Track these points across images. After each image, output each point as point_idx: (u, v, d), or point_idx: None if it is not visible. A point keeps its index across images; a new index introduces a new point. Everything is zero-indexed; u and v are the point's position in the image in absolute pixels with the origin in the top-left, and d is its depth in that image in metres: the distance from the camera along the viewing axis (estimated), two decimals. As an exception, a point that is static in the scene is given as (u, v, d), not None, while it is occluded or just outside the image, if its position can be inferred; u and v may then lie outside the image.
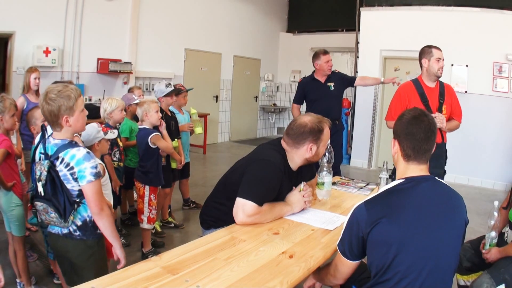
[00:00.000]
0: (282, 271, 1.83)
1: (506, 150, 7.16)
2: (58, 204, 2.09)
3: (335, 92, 5.33)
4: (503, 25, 7.42)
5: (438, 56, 3.91)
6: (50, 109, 2.08)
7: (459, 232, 1.86)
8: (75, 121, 2.15)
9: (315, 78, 5.34)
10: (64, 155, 2.10)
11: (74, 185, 2.14)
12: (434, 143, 1.93)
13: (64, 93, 2.10)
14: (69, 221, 2.15)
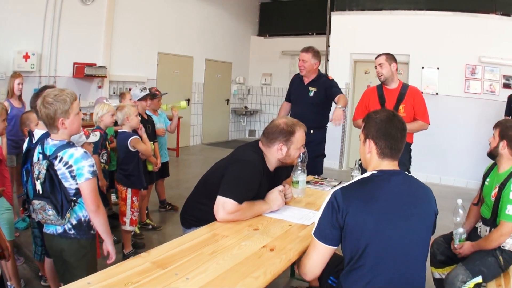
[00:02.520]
0: (264, 263, 1.97)
1: (479, 149, 7.28)
2: (56, 201, 2.20)
3: (314, 99, 4.66)
4: (476, 28, 7.68)
5: (375, 64, 4.25)
6: (47, 112, 2.19)
7: (429, 222, 2.02)
8: (70, 124, 2.26)
9: (301, 78, 4.79)
10: (63, 154, 2.22)
11: (71, 183, 2.25)
12: (403, 143, 2.09)
13: (60, 97, 2.21)
14: (66, 218, 2.25)
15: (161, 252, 2.00)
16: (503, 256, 2.78)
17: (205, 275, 1.80)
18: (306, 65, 4.61)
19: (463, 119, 7.76)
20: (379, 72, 4.24)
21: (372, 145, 2.06)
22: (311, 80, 4.70)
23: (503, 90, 7.58)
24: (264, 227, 2.44)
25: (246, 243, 2.19)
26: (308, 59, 4.60)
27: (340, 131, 8.72)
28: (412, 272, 1.95)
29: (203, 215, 2.62)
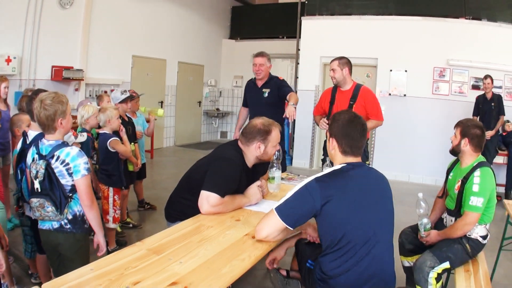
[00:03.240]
0: (248, 248, 2.21)
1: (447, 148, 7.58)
2: (55, 198, 2.37)
3: (269, 99, 4.91)
4: (445, 32, 8.03)
5: (330, 68, 4.57)
6: (47, 114, 2.36)
7: (391, 205, 2.33)
8: (66, 123, 2.46)
9: (254, 82, 5.05)
10: (59, 153, 2.39)
11: (68, 180, 2.42)
12: (365, 140, 2.40)
13: (58, 99, 2.39)
14: (64, 213, 2.42)
15: (154, 240, 2.20)
16: (469, 244, 3.02)
17: (196, 259, 2.02)
18: (263, 68, 4.85)
19: (431, 120, 8.05)
20: (332, 76, 4.56)
21: (335, 143, 2.35)
22: (264, 82, 4.95)
23: (471, 92, 7.93)
24: (245, 218, 2.67)
25: (230, 232, 2.41)
26: (264, 62, 4.86)
27: (310, 132, 8.99)
28: (381, 252, 2.21)
29: (187, 209, 2.81)
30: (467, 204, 2.95)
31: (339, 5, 8.75)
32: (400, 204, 6.04)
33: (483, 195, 2.91)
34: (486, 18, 7.98)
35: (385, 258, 2.25)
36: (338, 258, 2.16)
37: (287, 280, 2.67)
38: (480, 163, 3.05)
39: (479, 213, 2.93)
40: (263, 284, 3.81)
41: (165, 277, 1.81)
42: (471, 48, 7.94)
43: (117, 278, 1.77)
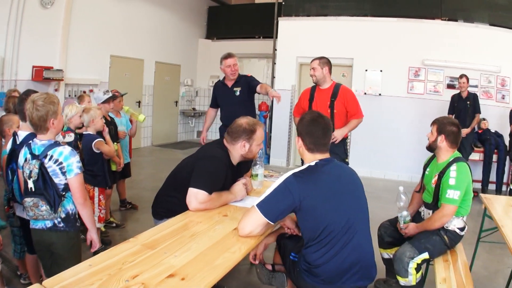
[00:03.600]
0: (238, 241, 2.32)
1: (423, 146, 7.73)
2: (49, 197, 2.42)
3: (241, 97, 5.09)
4: (420, 33, 8.23)
5: (310, 67, 4.68)
6: (39, 114, 2.41)
7: (363, 195, 2.50)
8: (58, 123, 2.52)
9: (224, 83, 5.21)
10: (52, 153, 2.44)
11: (61, 179, 2.48)
12: (330, 137, 2.56)
13: (49, 100, 2.44)
14: (58, 212, 2.47)
15: (147, 236, 2.28)
16: (447, 235, 3.17)
17: (190, 252, 2.11)
18: (236, 68, 5.06)
19: (406, 118, 8.24)
20: (312, 74, 4.67)
21: (301, 142, 2.54)
22: (234, 82, 5.12)
23: (447, 91, 8.16)
24: (232, 214, 2.78)
25: (219, 226, 2.51)
26: (236, 62, 5.09)
27: (286, 131, 9.11)
28: (361, 240, 2.37)
29: (174, 207, 2.90)
30: (444, 197, 3.09)
31: (316, 6, 8.88)
32: (376, 200, 6.26)
33: (460, 188, 3.06)
34: (462, 19, 8.22)
35: (365, 246, 2.41)
36: (320, 249, 2.30)
37: (273, 274, 2.76)
38: (456, 158, 3.20)
39: (456, 206, 3.07)
40: (247, 279, 3.93)
41: (162, 270, 1.90)
42: (446, 48, 8.16)
43: (116, 272, 1.84)
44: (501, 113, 7.90)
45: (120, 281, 1.77)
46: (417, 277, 3.12)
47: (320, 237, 2.29)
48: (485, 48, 8.07)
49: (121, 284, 1.75)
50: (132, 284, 1.75)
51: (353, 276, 2.35)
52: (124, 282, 1.76)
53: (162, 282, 1.79)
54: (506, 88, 8.14)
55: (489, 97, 8.16)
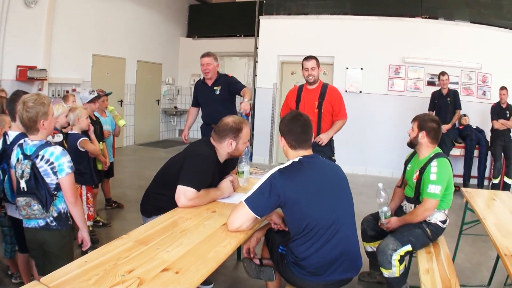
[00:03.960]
0: (228, 235, 2.39)
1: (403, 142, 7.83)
2: (41, 196, 2.45)
3: (221, 96, 5.09)
4: (401, 31, 8.38)
5: (305, 67, 4.67)
6: (29, 116, 2.45)
7: (348, 188, 2.61)
8: (48, 124, 2.55)
9: (204, 82, 5.22)
10: (44, 153, 2.48)
11: (52, 179, 2.52)
12: (311, 133, 2.67)
13: (40, 101, 2.48)
14: (50, 211, 2.51)
15: (139, 233, 2.34)
16: (429, 228, 3.27)
17: (182, 247, 2.18)
18: (210, 67, 5.02)
19: (387, 115, 8.38)
20: (311, 74, 4.65)
21: (283, 140, 2.65)
22: (214, 80, 5.13)
23: (427, 88, 8.32)
24: (220, 210, 2.85)
25: (208, 222, 2.59)
26: (211, 62, 5.03)
27: (268, 128, 9.20)
28: (346, 233, 2.48)
29: (163, 204, 2.96)
30: (425, 191, 3.19)
31: (297, 5, 8.97)
32: (359, 196, 6.40)
33: (441, 183, 3.15)
34: (443, 17, 8.38)
35: (350, 238, 2.52)
36: (306, 242, 2.40)
37: (261, 268, 2.82)
38: (436, 154, 3.30)
39: (437, 200, 3.17)
40: (234, 275, 4.02)
41: (156, 264, 1.96)
42: (427, 46, 8.32)
43: (111, 268, 1.90)
44: (482, 109, 8.07)
45: (116, 276, 1.83)
46: (400, 269, 3.20)
47: (305, 231, 2.38)
48: (466, 45, 8.25)
49: (117, 279, 1.80)
50: (128, 279, 1.81)
51: (339, 267, 2.45)
52: (120, 277, 1.82)
53: (157, 276, 1.86)
54: (487, 85, 8.32)
55: (470, 94, 8.34)
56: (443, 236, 3.47)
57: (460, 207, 4.48)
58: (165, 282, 1.81)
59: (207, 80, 5.17)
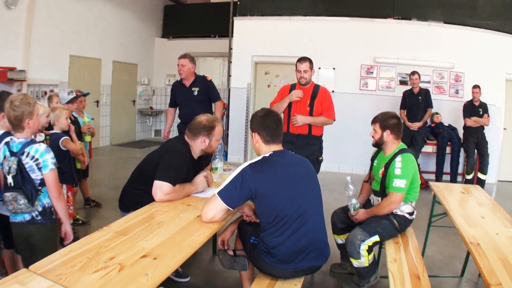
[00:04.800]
0: (203, 226, 2.58)
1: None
2: (26, 191, 2.61)
3: (199, 97, 5.35)
4: (373, 32, 8.60)
5: (298, 69, 4.76)
6: (15, 114, 2.61)
7: (316, 180, 2.82)
8: (33, 124, 2.71)
9: (181, 83, 5.43)
10: (29, 150, 2.64)
11: (37, 175, 2.68)
12: (282, 129, 2.86)
13: (25, 101, 2.64)
14: (35, 205, 2.66)
15: (119, 225, 2.51)
16: (397, 220, 3.46)
17: (159, 237, 2.36)
18: (185, 69, 5.26)
19: (359, 114, 8.50)
20: (303, 77, 4.73)
21: (258, 137, 2.83)
22: (191, 82, 5.37)
23: (399, 87, 8.55)
24: (195, 204, 3.03)
25: (184, 215, 2.77)
26: (186, 63, 5.27)
27: (243, 128, 9.34)
28: (314, 223, 2.69)
29: (140, 199, 3.10)
30: (391, 185, 3.38)
31: (270, 6, 9.11)
32: (331, 192, 6.62)
33: (405, 177, 3.35)
34: (416, 17, 8.61)
35: (318, 228, 2.73)
36: (275, 231, 2.60)
37: (234, 259, 2.98)
38: (400, 150, 3.50)
39: (402, 193, 3.37)
40: (209, 267, 4.19)
41: (135, 252, 2.13)
42: (398, 46, 8.57)
43: (94, 256, 2.06)
44: (455, 107, 8.34)
45: (99, 262, 1.99)
46: (369, 259, 3.38)
47: (274, 221, 2.58)
48: (438, 45, 8.50)
49: (100, 265, 1.96)
50: (110, 265, 1.97)
51: (307, 256, 2.66)
52: (102, 263, 1.98)
53: (136, 262, 2.03)
54: (460, 83, 8.57)
55: (442, 92, 8.61)
56: (411, 228, 3.65)
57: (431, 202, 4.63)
58: (144, 267, 1.98)
59: (184, 81, 5.39)
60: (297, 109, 4.72)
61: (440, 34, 8.53)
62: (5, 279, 1.83)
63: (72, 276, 1.85)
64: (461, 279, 4.14)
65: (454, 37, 8.51)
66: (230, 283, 3.84)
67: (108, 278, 1.86)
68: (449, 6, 8.59)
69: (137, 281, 1.85)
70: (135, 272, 1.92)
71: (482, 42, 8.47)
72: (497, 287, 2.15)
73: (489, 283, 2.19)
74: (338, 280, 3.94)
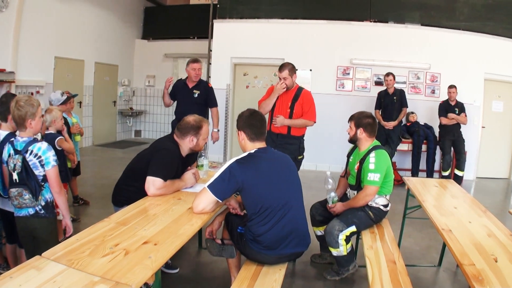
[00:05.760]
0: (195, 216, 2.86)
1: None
2: (31, 186, 2.84)
3: (198, 99, 5.74)
4: (349, 34, 8.86)
5: (279, 76, 5.00)
6: (19, 114, 2.84)
7: (298, 178, 3.11)
8: (35, 124, 2.94)
9: (185, 83, 5.83)
10: (32, 148, 2.87)
11: (40, 171, 2.91)
12: (266, 128, 3.15)
13: (30, 102, 2.87)
14: (39, 200, 2.89)
15: (118, 216, 2.76)
16: (372, 211, 3.73)
17: (156, 226, 2.63)
18: (200, 72, 5.77)
19: (336, 114, 8.68)
20: (283, 83, 4.92)
21: (243, 134, 3.11)
22: (195, 84, 5.79)
23: (374, 87, 8.84)
24: (185, 198, 3.30)
25: (176, 207, 3.04)
26: (201, 67, 5.81)
27: (222, 128, 9.44)
28: (296, 213, 2.98)
29: (133, 195, 3.35)
30: (365, 179, 3.65)
31: (249, 9, 9.30)
32: (309, 189, 6.88)
33: (379, 171, 3.62)
34: (392, 20, 8.89)
35: (299, 218, 3.03)
36: (262, 220, 2.88)
37: (222, 247, 3.23)
38: (374, 147, 3.77)
39: (377, 186, 3.64)
40: (197, 259, 4.45)
41: (137, 239, 2.39)
42: (374, 48, 8.85)
43: (100, 243, 2.31)
44: (431, 106, 8.63)
45: (106, 248, 2.24)
46: (347, 248, 3.64)
47: (260, 211, 2.86)
48: (414, 46, 8.79)
49: (107, 251, 2.21)
50: (116, 250, 2.23)
51: (290, 243, 2.95)
52: (109, 249, 2.23)
53: (139, 247, 2.29)
54: (436, 83, 8.89)
55: (418, 92, 8.91)
56: (386, 220, 3.93)
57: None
58: (147, 252, 2.25)
59: (189, 82, 5.80)
60: (278, 110, 4.99)
61: (417, 36, 8.81)
62: (21, 265, 2.03)
63: (83, 260, 2.09)
64: (439, 268, 4.38)
65: (431, 38, 8.79)
66: (217, 274, 4.08)
67: (116, 261, 2.11)
68: (427, 8, 8.84)
69: (142, 263, 2.11)
70: (140, 256, 2.18)
71: (460, 43, 8.77)
72: (470, 267, 2.36)
73: (462, 263, 2.40)
74: (319, 270, 4.18)
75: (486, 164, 9.25)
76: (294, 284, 3.93)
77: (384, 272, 2.93)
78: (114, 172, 7.78)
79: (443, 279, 4.22)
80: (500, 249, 2.64)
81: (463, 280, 4.02)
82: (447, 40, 8.79)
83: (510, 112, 9.22)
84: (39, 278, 1.90)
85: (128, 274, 1.97)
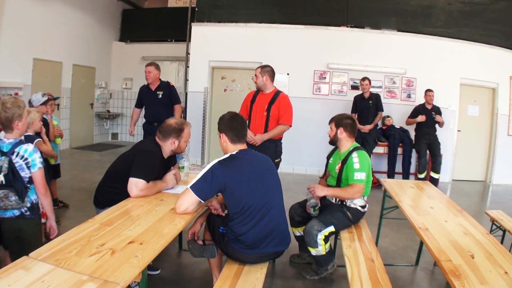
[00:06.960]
0: (177, 216, 2.92)
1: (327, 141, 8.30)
2: (17, 188, 2.86)
3: (163, 100, 6.23)
4: (326, 39, 9.03)
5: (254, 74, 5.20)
6: (6, 115, 2.87)
7: (277, 175, 3.22)
8: (22, 125, 2.98)
9: (148, 86, 6.32)
10: (19, 150, 2.90)
11: (26, 173, 2.93)
12: (246, 130, 3.24)
13: (16, 104, 2.90)
14: (25, 202, 2.91)
15: (102, 217, 2.80)
16: (350, 212, 3.83)
17: (141, 226, 2.68)
18: (151, 75, 6.22)
19: (313, 117, 8.90)
20: (254, 81, 5.22)
21: (225, 137, 3.19)
22: (156, 86, 6.28)
23: (351, 92, 9.00)
24: (167, 199, 3.36)
25: (159, 208, 3.10)
26: (153, 70, 6.24)
27: (200, 131, 9.57)
28: (276, 213, 3.08)
29: (115, 196, 3.39)
30: (352, 179, 3.71)
31: (227, 13, 9.40)
32: (287, 191, 6.92)
33: (364, 170, 3.73)
34: (369, 26, 9.09)
35: (280, 217, 3.13)
36: (243, 220, 2.96)
37: (204, 247, 3.28)
38: (355, 148, 3.89)
39: (364, 184, 3.72)
40: (178, 261, 4.51)
41: (123, 239, 2.45)
42: (351, 53, 9.03)
43: (86, 243, 2.36)
44: (407, 110, 8.76)
45: (92, 248, 2.29)
46: (326, 247, 3.73)
47: (242, 211, 2.95)
48: (390, 52, 9.00)
49: (93, 250, 2.26)
50: (102, 250, 2.28)
51: (271, 242, 3.04)
52: (95, 249, 2.28)
53: (125, 247, 2.35)
54: (412, 88, 9.09)
55: (394, 97, 9.12)
56: (364, 220, 4.03)
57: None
58: (133, 251, 2.31)
59: (150, 86, 6.27)
60: (255, 114, 5.11)
61: (393, 41, 9.03)
62: (9, 266, 2.05)
63: (71, 260, 2.14)
64: (416, 268, 4.50)
65: (407, 44, 9.01)
66: (197, 274, 4.15)
67: (103, 260, 2.16)
68: (403, 15, 9.07)
69: (129, 262, 2.17)
70: (126, 255, 2.24)
71: (436, 48, 8.99)
72: (447, 262, 2.46)
73: (439, 259, 2.51)
74: (298, 269, 4.27)
75: (462, 166, 9.49)
76: (273, 284, 4.01)
77: (363, 270, 3.05)
78: (93, 175, 7.79)
79: (420, 278, 4.34)
80: (477, 247, 2.76)
81: (441, 279, 4.18)
82: (424, 46, 9.01)
83: (486, 116, 9.49)
84: (28, 278, 1.94)
85: (116, 273, 2.03)
